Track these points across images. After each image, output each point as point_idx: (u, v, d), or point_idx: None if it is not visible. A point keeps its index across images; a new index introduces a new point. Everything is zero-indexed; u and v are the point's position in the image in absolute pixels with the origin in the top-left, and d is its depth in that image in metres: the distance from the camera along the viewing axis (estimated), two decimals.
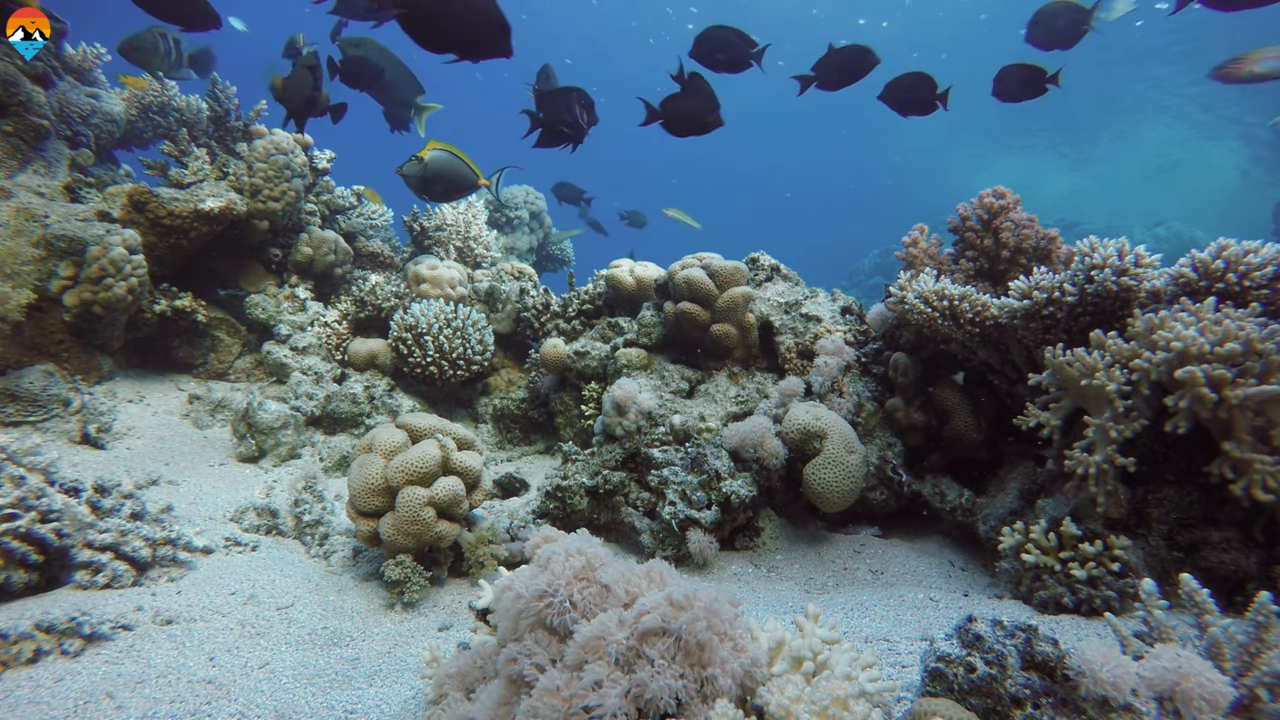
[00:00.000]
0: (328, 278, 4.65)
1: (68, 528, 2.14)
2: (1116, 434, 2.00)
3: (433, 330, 4.04)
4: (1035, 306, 2.37)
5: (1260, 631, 1.20)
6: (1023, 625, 1.28)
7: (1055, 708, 1.15)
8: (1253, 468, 1.84)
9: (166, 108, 4.65)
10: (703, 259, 3.37)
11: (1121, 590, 1.97)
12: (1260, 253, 2.13)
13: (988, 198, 3.01)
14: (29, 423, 3.15)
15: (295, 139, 4.49)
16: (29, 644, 1.75)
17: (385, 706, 1.63)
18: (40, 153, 3.76)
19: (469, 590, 2.42)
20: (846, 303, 3.62)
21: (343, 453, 3.71)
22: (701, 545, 2.55)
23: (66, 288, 3.40)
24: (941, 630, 1.83)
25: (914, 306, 2.71)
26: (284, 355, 4.15)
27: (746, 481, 2.67)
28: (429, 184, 3.11)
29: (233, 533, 2.71)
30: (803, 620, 1.23)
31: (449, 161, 3.14)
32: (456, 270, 4.60)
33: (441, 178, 3.13)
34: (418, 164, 3.10)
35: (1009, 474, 2.67)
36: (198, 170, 4.14)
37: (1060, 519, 2.12)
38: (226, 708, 1.61)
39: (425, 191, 3.16)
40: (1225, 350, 1.87)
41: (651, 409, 2.99)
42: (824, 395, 3.01)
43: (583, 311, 4.29)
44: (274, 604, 2.23)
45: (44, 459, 2.29)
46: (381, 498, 2.38)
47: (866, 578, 2.51)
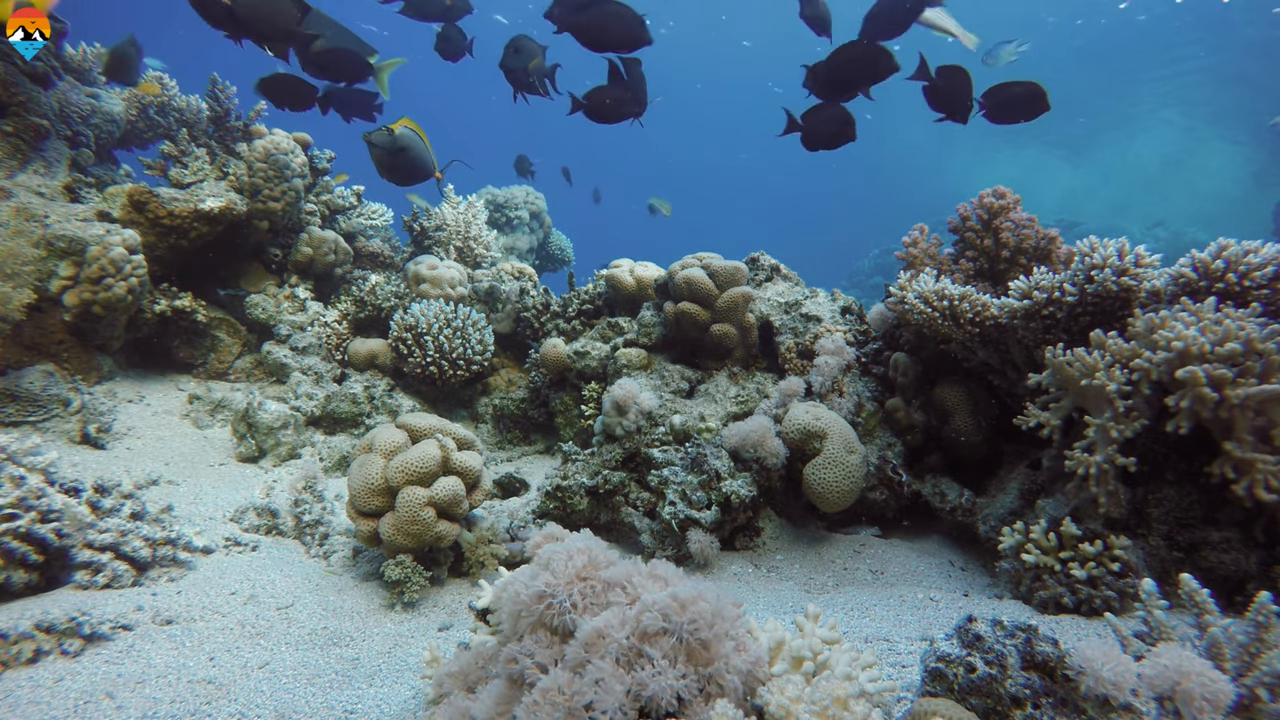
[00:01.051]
0: (328, 278, 4.65)
1: (68, 528, 2.14)
2: (1117, 434, 2.00)
3: (433, 330, 4.04)
4: (1035, 306, 2.37)
5: (1260, 631, 1.20)
6: (1023, 625, 1.28)
7: (1055, 708, 1.15)
8: (1255, 467, 1.84)
9: (166, 108, 4.65)
10: (703, 259, 3.37)
11: (1121, 590, 1.97)
12: (1260, 253, 2.14)
13: (988, 198, 3.01)
14: (29, 423, 3.15)
15: (295, 139, 4.48)
16: (29, 644, 1.75)
17: (385, 706, 1.63)
18: (40, 153, 3.76)
19: (469, 590, 2.42)
20: (846, 303, 3.62)
21: (343, 453, 3.71)
22: (702, 545, 2.55)
23: (66, 288, 3.40)
24: (941, 630, 1.83)
25: (914, 306, 2.71)
26: (284, 355, 4.15)
27: (746, 481, 2.67)
28: (393, 158, 3.02)
29: (233, 533, 2.71)
30: (803, 620, 1.23)
31: (418, 144, 3.07)
32: (456, 270, 4.60)
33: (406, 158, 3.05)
34: (388, 135, 3.01)
35: (1009, 474, 2.67)
36: (198, 170, 4.13)
37: (1060, 519, 2.12)
38: (226, 708, 1.61)
39: (387, 166, 3.07)
40: (1226, 350, 1.87)
41: (651, 409, 2.99)
42: (824, 395, 3.01)
43: (583, 311, 4.29)
44: (274, 604, 2.23)
45: (44, 459, 2.29)
46: (381, 498, 2.37)
47: (866, 578, 2.51)
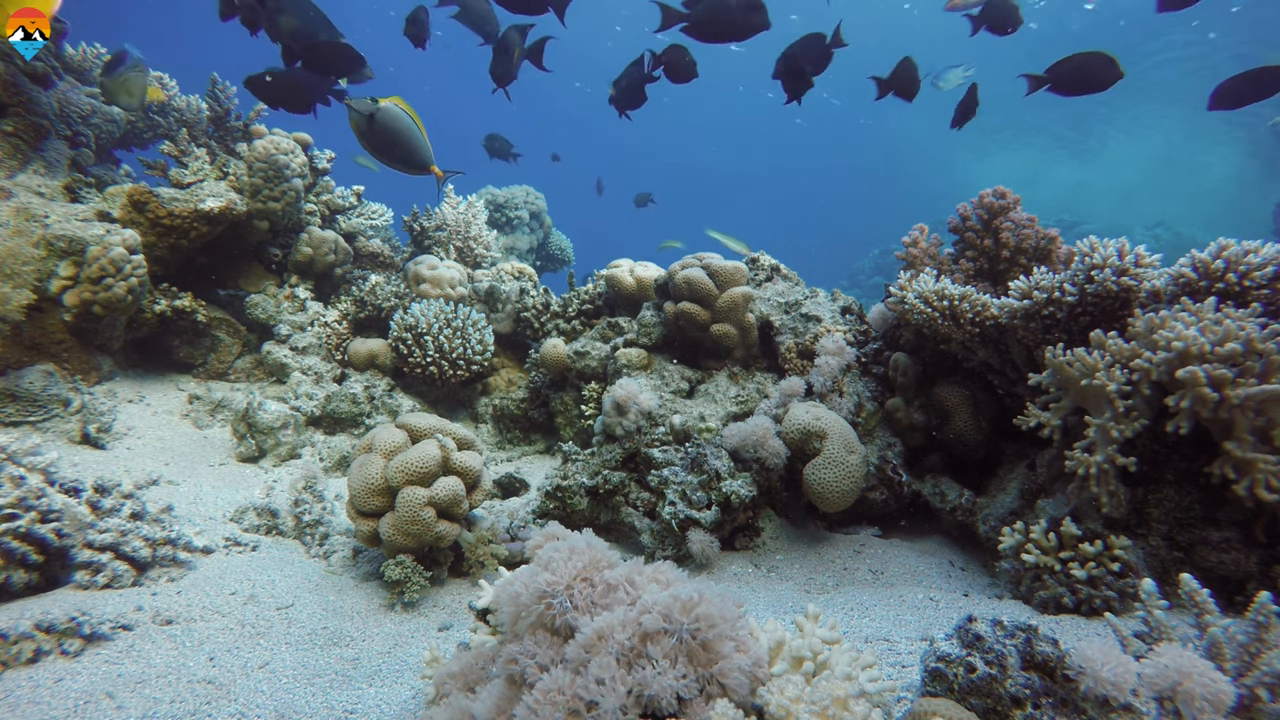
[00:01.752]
0: (328, 278, 4.65)
1: (68, 528, 2.14)
2: (1117, 434, 2.00)
3: (433, 330, 4.04)
4: (1035, 306, 2.37)
5: (1260, 631, 1.20)
6: (1023, 625, 1.28)
7: (1055, 708, 1.15)
8: (1255, 467, 1.84)
9: (166, 108, 4.65)
10: (703, 259, 3.37)
11: (1121, 590, 1.97)
12: (1260, 253, 2.13)
13: (988, 198, 3.01)
14: (29, 423, 3.15)
15: (295, 139, 4.49)
16: (29, 644, 1.75)
17: (385, 706, 1.63)
18: (40, 153, 3.76)
19: (469, 590, 2.42)
20: (846, 303, 3.62)
21: (343, 453, 3.71)
22: (702, 545, 2.55)
23: (66, 288, 3.40)
24: (941, 630, 1.83)
25: (914, 306, 2.71)
26: (284, 355, 4.15)
27: (746, 481, 2.67)
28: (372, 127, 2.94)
29: (233, 533, 2.71)
30: (803, 620, 1.23)
31: (405, 122, 2.99)
32: (456, 270, 4.60)
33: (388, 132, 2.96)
34: (371, 103, 2.94)
35: (1009, 474, 2.67)
36: (198, 170, 4.13)
37: (1060, 519, 2.12)
38: (226, 708, 1.61)
39: (368, 137, 2.99)
40: (1226, 350, 1.87)
41: (651, 409, 2.99)
42: (824, 395, 3.01)
43: (583, 311, 4.29)
44: (274, 604, 2.23)
45: (44, 459, 2.29)
46: (381, 498, 2.37)
47: (866, 578, 2.51)
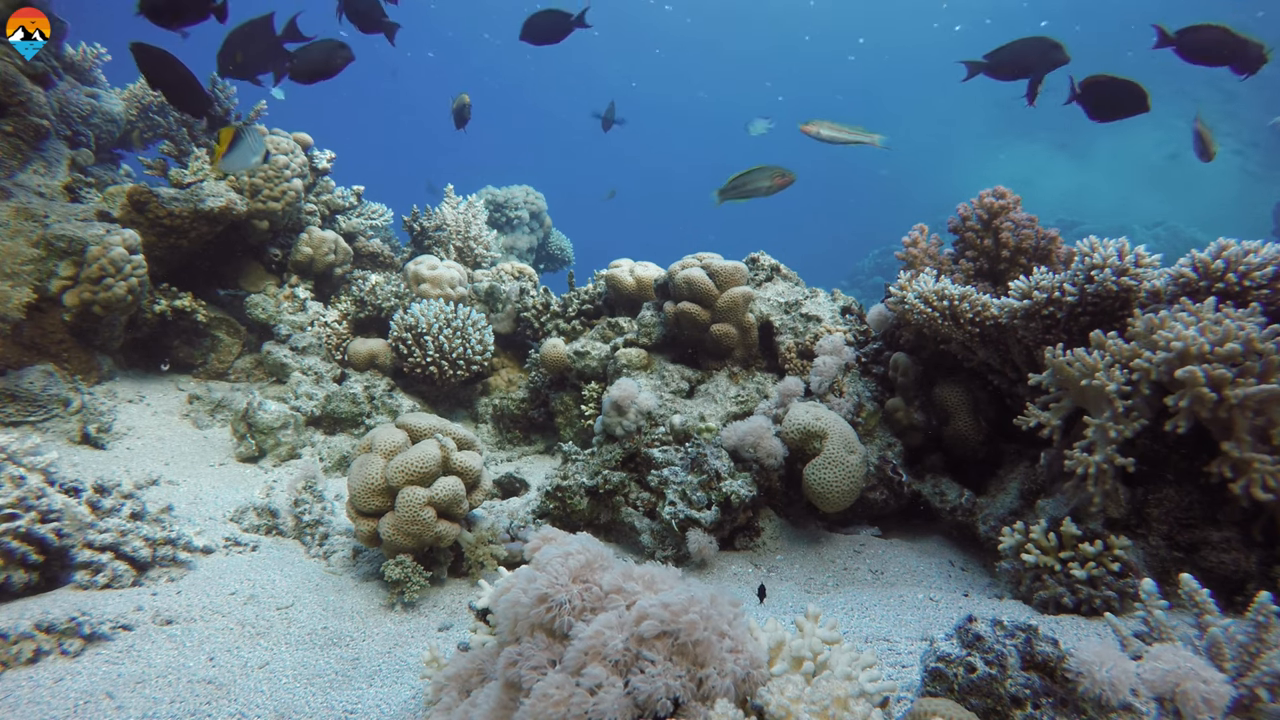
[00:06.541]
0: (328, 278, 4.65)
1: (68, 528, 2.14)
2: (1116, 434, 2.00)
3: (433, 330, 4.04)
4: (1035, 306, 2.37)
5: (1260, 631, 1.20)
6: (1023, 625, 1.28)
7: (1055, 708, 1.15)
8: (1252, 467, 1.84)
9: (166, 108, 4.65)
10: (703, 259, 3.37)
11: (1121, 590, 1.97)
12: (1260, 253, 2.13)
13: (988, 198, 3.01)
14: (29, 423, 3.15)
15: (295, 138, 4.48)
16: (29, 644, 1.75)
17: (385, 706, 1.64)
18: (40, 153, 3.76)
19: (469, 590, 2.42)
20: (846, 303, 3.62)
21: (343, 453, 3.71)
22: (701, 545, 2.55)
23: (66, 288, 3.40)
24: (941, 630, 1.83)
25: (914, 306, 2.71)
26: (284, 355, 4.15)
27: (746, 481, 2.67)
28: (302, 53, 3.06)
29: (233, 533, 2.71)
30: (803, 620, 1.23)
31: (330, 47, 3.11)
32: (456, 270, 4.60)
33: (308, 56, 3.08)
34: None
35: (1009, 474, 2.67)
36: (198, 170, 4.14)
37: (1060, 519, 2.12)
38: (226, 708, 1.61)
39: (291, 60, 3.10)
40: (1225, 350, 1.87)
41: (651, 409, 2.99)
42: (824, 395, 3.01)
43: (583, 311, 4.29)
44: (274, 604, 2.23)
45: (44, 459, 2.29)
46: (381, 498, 2.38)
47: (866, 578, 2.51)
